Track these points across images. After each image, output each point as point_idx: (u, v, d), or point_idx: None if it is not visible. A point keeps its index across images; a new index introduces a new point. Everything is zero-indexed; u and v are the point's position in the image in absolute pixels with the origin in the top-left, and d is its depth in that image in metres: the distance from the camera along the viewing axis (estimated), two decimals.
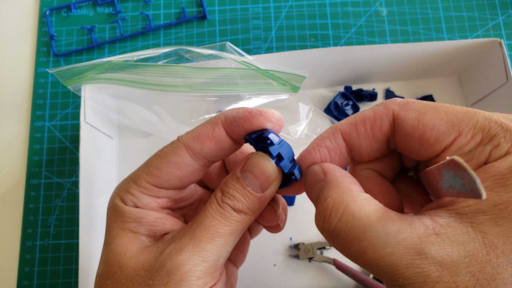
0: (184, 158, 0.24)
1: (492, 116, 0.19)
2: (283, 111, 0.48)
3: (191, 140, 0.24)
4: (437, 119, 0.20)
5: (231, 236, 0.23)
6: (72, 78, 0.42)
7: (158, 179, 0.24)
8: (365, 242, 0.18)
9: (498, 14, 0.55)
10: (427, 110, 0.20)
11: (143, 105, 0.45)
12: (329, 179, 0.21)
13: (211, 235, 0.22)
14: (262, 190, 0.24)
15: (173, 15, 0.56)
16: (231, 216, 0.23)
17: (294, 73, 0.42)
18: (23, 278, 0.47)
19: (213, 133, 0.24)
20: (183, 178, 0.25)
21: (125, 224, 0.24)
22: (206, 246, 0.22)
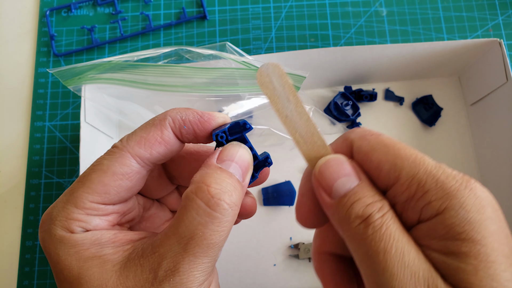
0: (132, 167, 0.22)
1: (433, 170, 0.19)
2: None
3: (136, 146, 0.23)
4: (383, 158, 0.20)
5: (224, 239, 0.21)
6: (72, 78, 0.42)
7: (106, 196, 0.22)
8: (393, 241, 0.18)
9: (498, 14, 0.55)
10: (378, 148, 0.20)
11: (143, 105, 0.45)
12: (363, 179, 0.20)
13: (206, 249, 0.20)
14: (243, 179, 0.23)
15: (173, 15, 0.56)
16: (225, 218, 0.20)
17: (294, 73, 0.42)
18: (23, 278, 0.47)
19: (162, 137, 0.23)
20: (132, 188, 0.23)
21: (83, 254, 0.21)
22: (202, 260, 0.20)
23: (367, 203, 0.19)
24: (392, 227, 0.18)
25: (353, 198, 0.19)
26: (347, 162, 0.21)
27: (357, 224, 0.19)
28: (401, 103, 0.51)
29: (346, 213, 0.19)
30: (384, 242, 0.18)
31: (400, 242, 0.18)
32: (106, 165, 0.22)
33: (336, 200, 0.20)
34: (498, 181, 0.46)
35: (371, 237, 0.18)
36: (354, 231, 0.19)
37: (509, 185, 0.44)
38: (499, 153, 0.45)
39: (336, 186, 0.20)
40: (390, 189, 0.20)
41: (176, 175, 0.28)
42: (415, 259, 0.18)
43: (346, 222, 0.19)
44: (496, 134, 0.46)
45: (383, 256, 0.18)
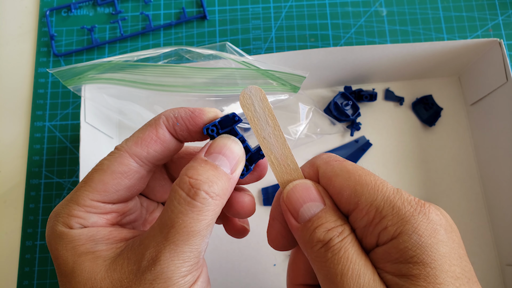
0: (130, 166, 0.23)
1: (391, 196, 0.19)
2: (283, 111, 0.48)
3: (134, 145, 0.24)
4: (345, 184, 0.21)
5: (208, 228, 0.21)
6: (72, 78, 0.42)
7: (105, 194, 0.23)
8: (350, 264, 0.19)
9: (498, 14, 0.55)
10: (341, 174, 0.21)
11: (143, 105, 0.45)
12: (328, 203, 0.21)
13: (186, 237, 0.20)
14: (232, 172, 0.23)
15: (173, 15, 0.56)
16: (203, 207, 0.21)
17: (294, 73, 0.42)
18: (23, 278, 0.47)
19: (157, 135, 0.24)
20: (131, 187, 0.24)
21: (79, 249, 0.22)
22: (183, 249, 0.20)
23: (328, 228, 0.20)
24: (350, 251, 0.19)
25: (316, 223, 0.21)
26: (313, 187, 0.22)
27: (319, 247, 0.20)
28: (401, 103, 0.51)
29: (309, 237, 0.21)
30: (342, 265, 0.19)
31: (357, 264, 0.19)
32: (106, 165, 0.23)
33: (302, 224, 0.21)
34: (498, 181, 0.46)
35: (330, 260, 0.19)
36: (316, 254, 0.20)
37: (509, 185, 0.44)
38: (499, 153, 0.45)
39: (302, 210, 0.21)
40: (351, 214, 0.21)
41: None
42: (370, 281, 0.19)
43: (309, 245, 0.21)
44: (496, 134, 0.46)
45: (340, 278, 0.19)
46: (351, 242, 0.20)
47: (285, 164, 0.24)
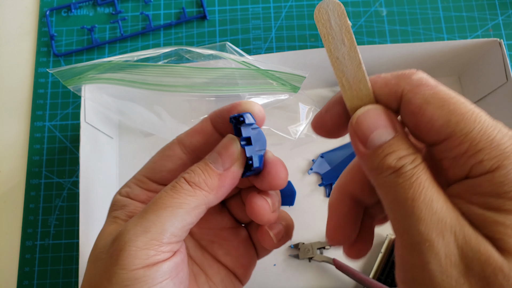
0: (176, 151, 0.26)
1: (489, 129, 0.18)
2: (283, 111, 0.48)
3: (184, 135, 0.26)
4: (438, 113, 0.19)
5: (179, 210, 0.22)
6: (72, 78, 0.42)
7: (151, 171, 0.26)
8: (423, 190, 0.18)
9: (498, 14, 0.55)
10: (434, 101, 0.19)
11: (143, 105, 0.45)
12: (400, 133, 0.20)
13: (156, 207, 0.22)
14: (224, 168, 0.24)
15: (173, 15, 0.56)
16: (181, 189, 0.23)
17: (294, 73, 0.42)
18: (23, 278, 0.47)
19: (201, 127, 0.26)
20: (173, 171, 0.26)
21: (112, 212, 0.26)
22: (149, 216, 0.22)
23: (401, 156, 0.19)
24: (422, 177, 0.18)
25: (388, 150, 0.20)
26: (385, 114, 0.21)
27: (389, 174, 0.19)
28: None
29: (379, 164, 0.20)
30: (413, 190, 0.18)
31: (429, 191, 0.18)
32: (163, 148, 0.27)
33: (370, 151, 0.20)
34: None
35: (400, 185, 0.19)
36: (385, 180, 0.19)
37: None
38: None
39: (372, 137, 0.20)
40: (440, 144, 0.19)
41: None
42: (443, 207, 0.18)
43: (378, 171, 0.20)
44: None
45: (411, 202, 0.18)
46: (424, 170, 0.19)
47: (357, 88, 0.22)
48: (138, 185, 0.26)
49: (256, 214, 0.25)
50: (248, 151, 0.24)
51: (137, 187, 0.26)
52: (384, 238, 0.45)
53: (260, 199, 0.26)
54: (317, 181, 0.49)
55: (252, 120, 0.24)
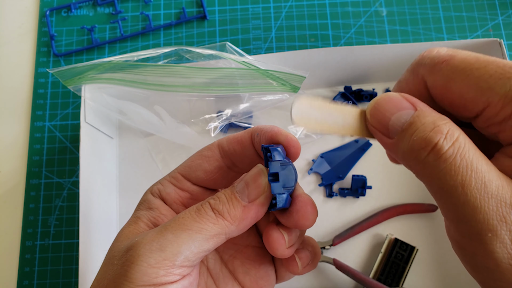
0: (214, 153, 0.26)
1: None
2: (283, 111, 0.48)
3: (224, 140, 0.26)
4: (465, 86, 0.17)
5: (198, 235, 0.21)
6: (72, 78, 0.42)
7: (188, 169, 0.26)
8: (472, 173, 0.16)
9: (498, 14, 0.55)
10: (455, 76, 0.18)
11: (143, 105, 0.45)
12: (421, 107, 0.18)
13: (176, 226, 0.22)
14: (249, 200, 0.23)
15: (173, 15, 0.56)
16: (205, 214, 0.22)
17: (294, 73, 0.42)
18: (23, 278, 0.47)
19: (241, 137, 0.26)
20: (209, 172, 0.26)
21: (138, 212, 0.26)
22: (167, 235, 0.21)
23: (430, 129, 0.17)
24: (467, 156, 0.16)
25: (412, 129, 0.18)
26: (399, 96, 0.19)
27: (424, 156, 0.17)
28: None
29: (408, 148, 0.18)
30: (461, 176, 0.16)
31: (480, 172, 0.16)
32: (202, 149, 0.27)
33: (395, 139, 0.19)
34: None
35: (444, 171, 0.16)
36: (423, 165, 0.17)
37: None
38: None
39: (391, 123, 0.19)
40: (482, 114, 0.18)
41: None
42: (499, 187, 0.16)
43: (411, 157, 0.18)
44: None
45: (461, 189, 0.16)
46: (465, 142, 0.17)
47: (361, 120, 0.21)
48: (171, 182, 0.26)
49: (271, 247, 0.25)
50: (274, 188, 0.23)
51: (170, 185, 0.26)
52: (384, 238, 0.45)
53: (277, 232, 0.24)
54: (317, 181, 0.49)
55: (280, 157, 0.23)
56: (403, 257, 0.43)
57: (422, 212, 0.46)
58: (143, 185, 0.49)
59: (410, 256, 0.43)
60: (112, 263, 0.22)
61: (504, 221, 0.16)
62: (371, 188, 0.47)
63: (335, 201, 0.48)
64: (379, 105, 0.19)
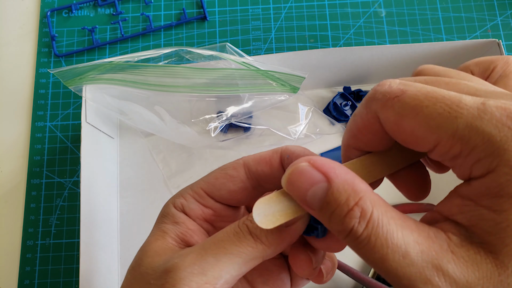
0: (239, 173, 0.25)
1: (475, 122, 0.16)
2: (283, 111, 0.49)
3: (251, 159, 0.26)
4: (416, 123, 0.17)
5: (238, 259, 0.21)
6: (73, 78, 0.42)
7: (211, 187, 0.25)
8: (388, 250, 0.17)
9: (497, 15, 0.55)
10: (406, 113, 0.18)
11: (143, 105, 0.45)
12: (334, 179, 0.18)
13: (217, 249, 0.21)
14: (286, 225, 0.22)
15: (174, 16, 0.57)
16: (244, 238, 0.22)
17: (293, 74, 0.43)
18: (24, 277, 0.47)
19: (270, 158, 0.25)
20: (233, 192, 0.25)
21: (163, 225, 0.25)
22: (208, 258, 0.21)
23: (344, 213, 0.18)
24: (381, 234, 0.17)
25: (329, 210, 0.18)
26: (311, 168, 0.19)
27: (343, 238, 0.18)
28: None
29: (329, 226, 0.19)
30: (379, 253, 0.17)
31: (396, 246, 0.17)
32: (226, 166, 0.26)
33: (316, 211, 0.19)
34: None
35: (363, 250, 0.17)
36: (346, 243, 0.18)
37: None
38: None
39: (309, 199, 0.19)
40: (434, 150, 0.18)
41: None
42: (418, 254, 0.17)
43: (335, 232, 0.19)
44: None
45: (382, 264, 0.17)
46: (378, 219, 0.17)
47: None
48: (195, 198, 0.26)
49: (298, 269, 0.24)
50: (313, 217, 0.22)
51: (193, 201, 0.26)
52: None
53: (305, 255, 0.24)
54: None
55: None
56: None
57: (420, 212, 0.47)
58: (144, 185, 0.49)
59: None
60: (148, 282, 0.22)
61: (429, 283, 0.16)
62: None
63: None
64: (291, 180, 0.20)
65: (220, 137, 0.48)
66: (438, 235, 0.17)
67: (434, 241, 0.17)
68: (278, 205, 0.21)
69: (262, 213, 0.20)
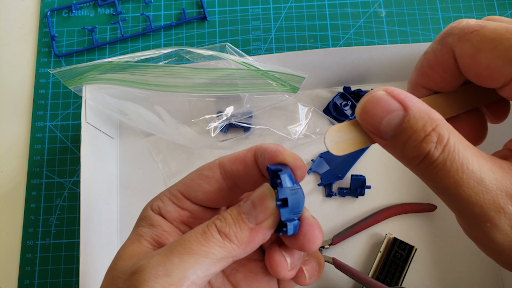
0: (215, 173, 0.25)
1: None
2: (283, 111, 0.49)
3: (226, 160, 0.25)
4: (494, 56, 0.17)
5: (204, 259, 0.21)
6: (73, 78, 0.42)
7: (187, 188, 0.25)
8: (463, 175, 0.17)
9: (497, 15, 0.55)
10: (484, 46, 0.18)
11: (143, 105, 0.45)
12: (410, 107, 0.18)
13: (182, 250, 0.21)
14: (256, 222, 0.22)
15: (174, 16, 0.57)
16: (212, 238, 0.21)
17: (293, 74, 0.43)
18: (24, 277, 0.47)
19: (244, 157, 0.25)
20: (208, 193, 0.25)
21: (139, 229, 0.25)
22: (173, 259, 0.21)
23: (421, 138, 0.17)
24: (457, 159, 0.17)
25: (404, 137, 0.18)
26: (386, 95, 0.19)
27: (417, 164, 0.18)
28: None
29: (402, 154, 0.18)
30: (453, 178, 0.17)
31: (471, 172, 0.17)
32: (202, 167, 0.26)
33: (389, 141, 0.19)
34: None
35: (437, 175, 0.17)
36: (418, 169, 0.18)
37: None
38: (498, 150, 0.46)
39: (382, 128, 0.19)
40: (509, 84, 0.18)
41: None
42: (492, 181, 0.17)
43: (406, 162, 0.19)
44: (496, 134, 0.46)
45: (455, 190, 0.17)
46: (455, 145, 0.17)
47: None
48: (171, 200, 0.25)
49: (273, 270, 0.24)
50: (283, 214, 0.22)
51: (170, 203, 0.25)
52: (383, 238, 0.45)
53: (279, 255, 0.24)
54: (316, 180, 0.49)
55: (290, 183, 0.22)
56: (402, 256, 0.44)
57: (421, 212, 0.47)
58: (144, 185, 0.49)
59: (409, 255, 0.44)
60: (117, 286, 0.22)
61: (502, 211, 0.16)
62: (370, 188, 0.48)
63: (334, 201, 0.48)
64: (367, 109, 0.19)
65: (220, 137, 0.48)
66: (511, 166, 0.17)
67: (508, 172, 0.17)
68: (349, 134, 0.21)
69: (334, 140, 0.20)
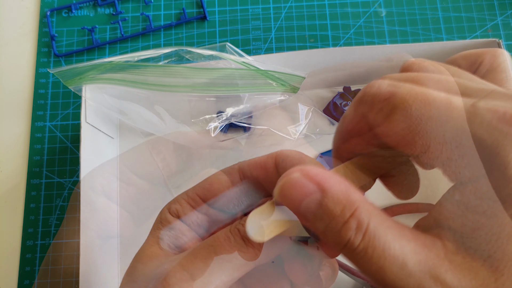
0: (234, 179, 0.25)
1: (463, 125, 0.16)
2: (283, 111, 0.49)
3: (246, 165, 0.25)
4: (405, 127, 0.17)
5: (228, 264, 0.21)
6: (73, 78, 0.42)
7: (206, 192, 0.25)
8: (385, 261, 0.16)
9: (497, 15, 0.55)
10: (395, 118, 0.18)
11: (143, 105, 0.45)
12: (328, 189, 0.17)
13: (206, 254, 0.21)
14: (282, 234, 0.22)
15: (174, 16, 0.57)
16: (235, 243, 0.21)
17: (293, 74, 0.43)
18: (24, 277, 0.47)
19: (265, 163, 0.25)
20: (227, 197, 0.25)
21: (158, 231, 0.25)
22: (198, 263, 0.21)
23: (340, 225, 0.17)
24: (378, 245, 0.16)
25: (324, 223, 0.18)
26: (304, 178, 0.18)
27: (340, 250, 0.18)
28: None
29: (325, 238, 0.18)
30: (377, 265, 0.16)
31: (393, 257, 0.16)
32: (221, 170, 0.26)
33: (311, 223, 0.18)
34: None
35: (361, 262, 0.17)
36: (343, 255, 0.18)
37: None
38: None
39: (302, 212, 0.18)
40: (425, 153, 0.18)
41: None
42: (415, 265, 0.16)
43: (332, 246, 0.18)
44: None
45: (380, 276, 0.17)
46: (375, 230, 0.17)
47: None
48: (190, 203, 0.25)
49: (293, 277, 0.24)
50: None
51: (188, 206, 0.25)
52: None
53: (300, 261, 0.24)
54: None
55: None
56: None
57: (420, 212, 0.47)
58: (144, 185, 0.49)
59: None
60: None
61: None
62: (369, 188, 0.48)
63: None
64: (283, 193, 0.19)
65: (220, 137, 0.48)
66: (434, 243, 0.17)
67: (431, 249, 0.17)
68: (272, 216, 0.20)
69: (256, 226, 0.20)
